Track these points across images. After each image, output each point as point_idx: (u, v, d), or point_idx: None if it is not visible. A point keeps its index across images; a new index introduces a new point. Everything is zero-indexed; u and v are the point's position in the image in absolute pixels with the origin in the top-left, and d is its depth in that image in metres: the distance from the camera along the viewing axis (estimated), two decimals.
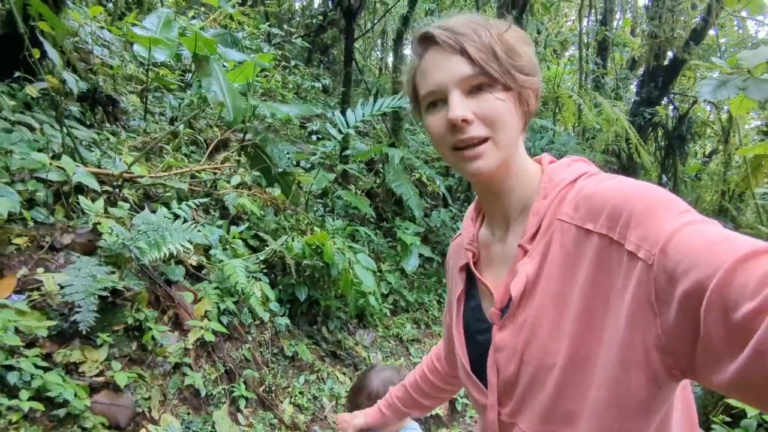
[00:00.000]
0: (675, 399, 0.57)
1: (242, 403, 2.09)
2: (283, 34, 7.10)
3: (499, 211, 0.72)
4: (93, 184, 2.04)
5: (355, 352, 3.07)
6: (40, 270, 1.82)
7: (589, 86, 10.13)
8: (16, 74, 2.34)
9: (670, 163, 9.78)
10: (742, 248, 0.43)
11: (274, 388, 2.36)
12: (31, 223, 1.89)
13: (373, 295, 3.13)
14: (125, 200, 2.28)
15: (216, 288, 2.28)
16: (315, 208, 3.78)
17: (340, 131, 3.11)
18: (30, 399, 1.40)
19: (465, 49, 0.61)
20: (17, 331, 1.54)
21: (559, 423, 0.61)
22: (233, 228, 2.74)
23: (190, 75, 4.44)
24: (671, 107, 10.35)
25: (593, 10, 11.54)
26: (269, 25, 7.08)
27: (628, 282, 0.52)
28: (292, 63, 6.85)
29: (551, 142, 5.75)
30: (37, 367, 1.49)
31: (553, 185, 0.65)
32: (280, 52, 6.63)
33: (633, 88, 10.57)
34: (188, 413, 1.86)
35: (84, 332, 1.60)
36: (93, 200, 2.04)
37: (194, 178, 2.75)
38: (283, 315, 2.63)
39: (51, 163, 1.99)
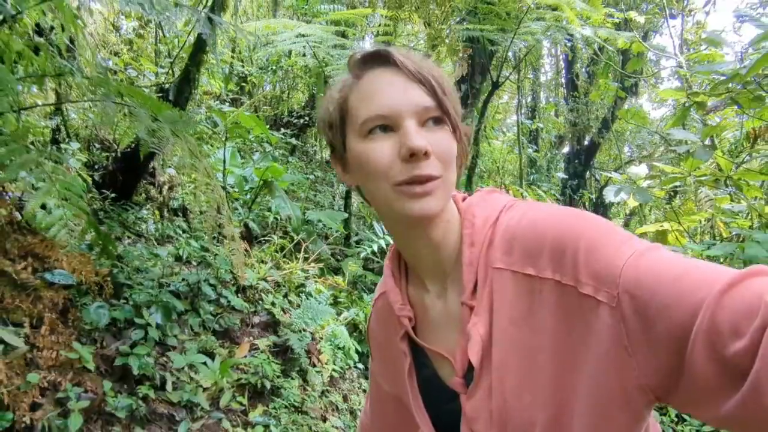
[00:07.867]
0: None
1: (357, 414, 3.60)
2: (281, 136, 8.87)
3: (434, 264, 0.68)
4: (266, 286, 3.58)
5: None
6: (250, 338, 3.32)
7: (525, 163, 12.66)
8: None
9: None
10: (717, 280, 0.44)
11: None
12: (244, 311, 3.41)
13: None
14: (270, 292, 3.81)
15: (329, 344, 3.82)
16: (357, 289, 5.39)
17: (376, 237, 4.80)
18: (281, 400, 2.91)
19: (426, 79, 0.60)
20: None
21: None
22: None
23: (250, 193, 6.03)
24: (594, 179, 13.02)
25: (524, 100, 14.47)
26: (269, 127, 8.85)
27: (591, 325, 0.52)
28: (289, 159, 8.61)
29: None
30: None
31: (477, 230, 0.64)
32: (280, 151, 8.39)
33: (562, 164, 13.24)
34: (341, 417, 3.36)
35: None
36: (266, 294, 3.58)
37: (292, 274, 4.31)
38: (360, 362, 4.17)
39: (241, 275, 3.53)
